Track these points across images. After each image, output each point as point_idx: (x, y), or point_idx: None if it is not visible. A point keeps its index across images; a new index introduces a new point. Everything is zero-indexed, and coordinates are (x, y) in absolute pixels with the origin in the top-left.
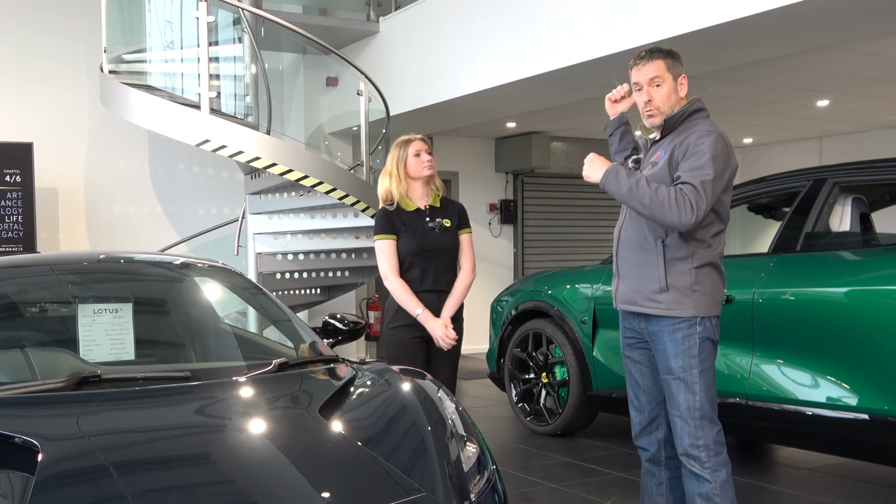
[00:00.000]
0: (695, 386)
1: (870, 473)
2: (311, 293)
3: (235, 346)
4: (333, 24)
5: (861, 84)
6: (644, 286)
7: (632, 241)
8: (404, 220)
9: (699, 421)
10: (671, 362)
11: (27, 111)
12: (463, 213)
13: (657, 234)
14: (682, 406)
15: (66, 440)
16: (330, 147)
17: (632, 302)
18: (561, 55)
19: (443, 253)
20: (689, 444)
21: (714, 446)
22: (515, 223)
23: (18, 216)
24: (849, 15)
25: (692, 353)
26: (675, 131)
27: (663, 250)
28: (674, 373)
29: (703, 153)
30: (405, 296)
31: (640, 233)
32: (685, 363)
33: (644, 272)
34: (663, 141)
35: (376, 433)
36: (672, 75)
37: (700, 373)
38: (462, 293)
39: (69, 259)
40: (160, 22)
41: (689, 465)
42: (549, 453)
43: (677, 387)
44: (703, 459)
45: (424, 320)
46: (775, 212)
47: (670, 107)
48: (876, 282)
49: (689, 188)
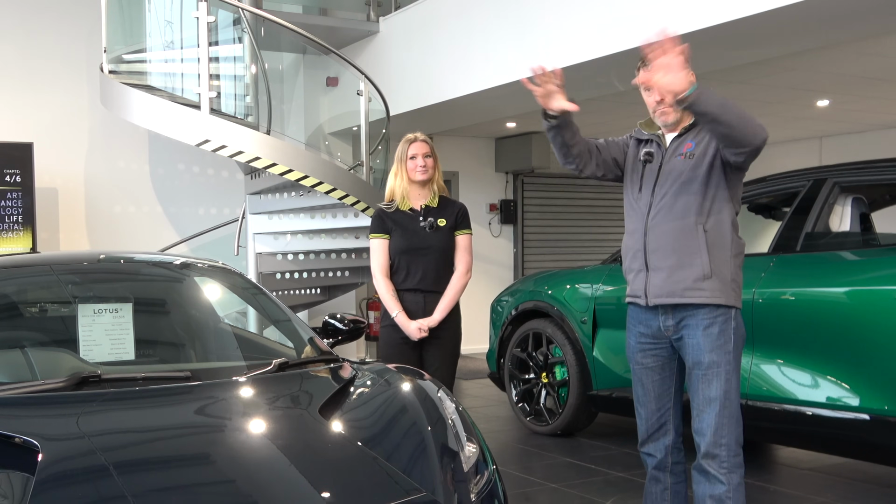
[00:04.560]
0: (726, 382)
1: (870, 473)
2: (311, 293)
3: (235, 346)
4: (333, 24)
5: (861, 84)
6: (685, 274)
7: (667, 231)
8: (397, 220)
9: (726, 418)
10: (704, 357)
11: (27, 111)
12: (462, 213)
13: (699, 220)
14: (713, 400)
15: (66, 440)
16: (330, 147)
17: (669, 294)
18: (561, 55)
19: (432, 252)
20: (712, 442)
21: (734, 447)
22: (515, 223)
23: (18, 216)
24: (849, 15)
25: (727, 348)
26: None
27: (705, 236)
28: (704, 367)
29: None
30: (387, 296)
31: (676, 222)
32: (718, 358)
33: (685, 260)
34: (689, 133)
35: (376, 433)
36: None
37: (733, 369)
38: (454, 295)
39: (69, 259)
40: (160, 22)
41: (706, 465)
42: (549, 453)
43: (707, 382)
44: (723, 458)
45: (401, 322)
46: (775, 212)
47: None
48: (876, 282)
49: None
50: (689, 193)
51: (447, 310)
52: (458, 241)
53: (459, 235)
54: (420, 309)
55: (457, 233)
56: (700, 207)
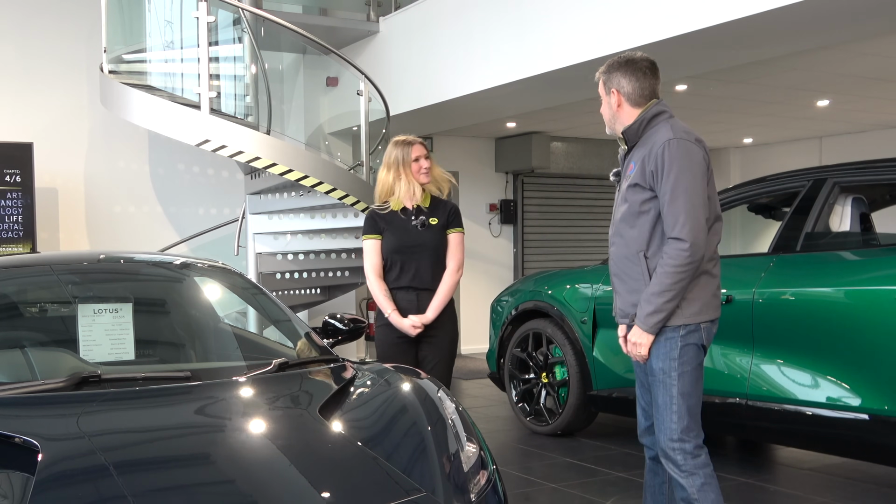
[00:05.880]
0: (672, 388)
1: (870, 473)
2: (311, 293)
3: (235, 346)
4: (333, 24)
5: (861, 84)
6: (635, 299)
7: (618, 258)
8: (389, 220)
9: (675, 424)
10: (652, 363)
11: (27, 111)
12: (454, 212)
13: (639, 248)
14: (661, 406)
15: (66, 440)
16: (330, 147)
17: (625, 315)
18: (561, 55)
19: (424, 250)
20: (665, 446)
21: (692, 449)
22: (515, 223)
23: (18, 216)
24: (848, 15)
25: (672, 356)
26: (640, 140)
27: (646, 262)
28: (654, 374)
29: (668, 170)
30: (380, 296)
31: (624, 249)
32: (665, 365)
33: (632, 286)
34: (633, 153)
35: (376, 433)
36: (605, 90)
37: (679, 375)
38: (446, 293)
39: (69, 259)
40: (160, 22)
41: (668, 468)
42: (549, 453)
43: (656, 388)
44: (679, 461)
45: (395, 321)
46: (775, 212)
47: (609, 120)
48: (876, 282)
49: (672, 225)
50: (629, 220)
51: (440, 307)
52: (450, 238)
53: (451, 233)
54: (413, 307)
55: (448, 231)
56: (638, 236)
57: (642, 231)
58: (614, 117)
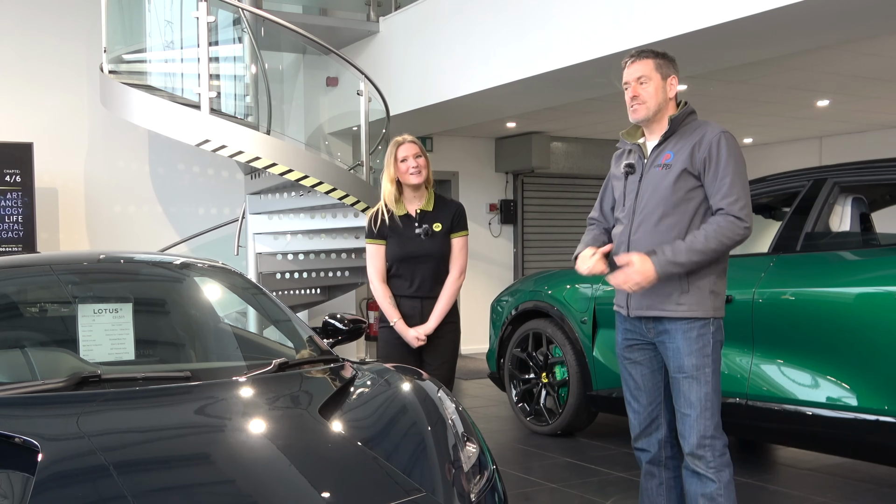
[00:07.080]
0: (707, 385)
1: (870, 473)
2: (311, 293)
3: (235, 346)
4: (333, 24)
5: (861, 84)
6: (663, 290)
7: (647, 247)
8: (392, 226)
9: (709, 420)
10: (684, 360)
11: (27, 111)
12: (459, 214)
13: (678, 234)
14: (695, 403)
15: (66, 440)
16: (330, 147)
17: (649, 307)
18: (561, 55)
19: (429, 259)
20: (697, 444)
21: (720, 447)
22: (515, 223)
23: (18, 216)
24: (848, 15)
25: (706, 352)
26: (678, 132)
27: None
28: (686, 371)
29: (727, 159)
30: (385, 303)
31: (655, 238)
32: (699, 361)
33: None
34: (668, 143)
35: (376, 433)
36: (661, 75)
37: (712, 372)
38: (447, 302)
39: (69, 259)
40: (160, 22)
41: (694, 465)
42: (549, 453)
43: (689, 385)
44: (709, 459)
45: (400, 330)
46: (775, 212)
47: (657, 103)
48: (876, 282)
49: (732, 202)
50: (667, 207)
51: (441, 316)
52: (454, 243)
53: (455, 238)
54: (417, 314)
55: (452, 235)
56: (678, 222)
57: (682, 218)
58: (664, 102)
